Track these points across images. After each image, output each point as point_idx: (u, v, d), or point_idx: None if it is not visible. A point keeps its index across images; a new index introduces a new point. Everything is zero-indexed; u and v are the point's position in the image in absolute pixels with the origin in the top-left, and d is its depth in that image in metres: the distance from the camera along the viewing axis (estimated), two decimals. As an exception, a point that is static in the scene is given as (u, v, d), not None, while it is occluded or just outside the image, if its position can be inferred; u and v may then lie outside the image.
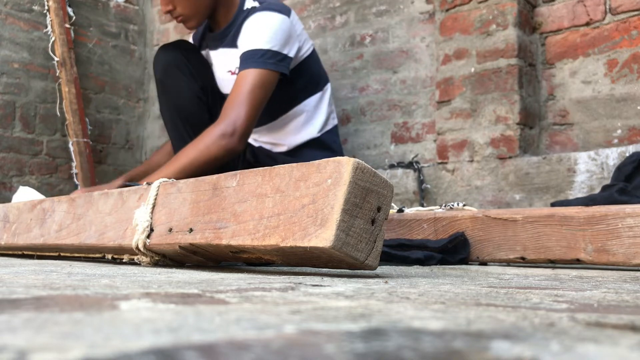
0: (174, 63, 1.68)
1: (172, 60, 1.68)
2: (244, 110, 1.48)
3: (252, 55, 1.52)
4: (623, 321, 0.36)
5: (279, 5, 1.62)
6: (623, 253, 0.99)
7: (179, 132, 1.69)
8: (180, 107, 1.68)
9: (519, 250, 1.12)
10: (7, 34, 2.25)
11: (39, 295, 0.45)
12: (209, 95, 1.71)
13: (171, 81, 1.68)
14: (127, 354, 0.24)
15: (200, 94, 1.68)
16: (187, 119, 1.67)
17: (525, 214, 1.12)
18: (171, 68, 1.68)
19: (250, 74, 1.50)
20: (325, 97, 1.75)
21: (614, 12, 1.59)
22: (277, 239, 0.73)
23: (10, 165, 2.24)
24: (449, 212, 1.25)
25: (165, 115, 1.72)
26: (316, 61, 1.74)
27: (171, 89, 1.68)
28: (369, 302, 0.44)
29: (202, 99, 1.69)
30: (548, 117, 1.71)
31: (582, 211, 1.04)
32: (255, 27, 1.56)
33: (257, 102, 1.50)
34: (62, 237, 1.12)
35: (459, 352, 0.26)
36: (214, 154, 1.46)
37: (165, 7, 1.59)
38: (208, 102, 1.71)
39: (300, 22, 1.68)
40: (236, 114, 1.48)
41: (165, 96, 1.70)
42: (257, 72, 1.51)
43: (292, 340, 0.28)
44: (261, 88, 1.50)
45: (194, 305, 0.41)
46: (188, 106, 1.67)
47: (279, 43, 1.55)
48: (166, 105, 1.71)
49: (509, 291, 0.56)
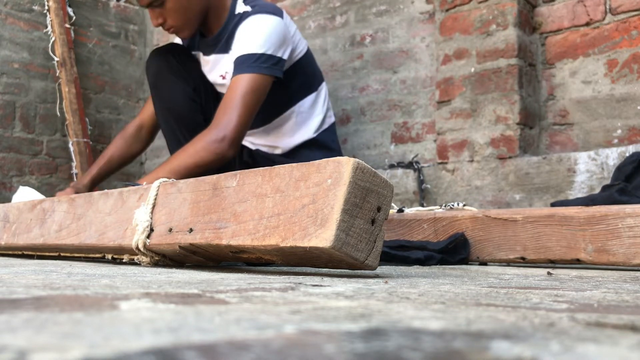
0: (165, 66, 1.69)
1: (163, 64, 1.70)
2: (236, 116, 1.49)
3: (246, 60, 1.53)
4: (623, 321, 0.36)
5: (272, 7, 1.62)
6: (623, 253, 0.99)
7: (174, 134, 1.70)
8: (174, 110, 1.69)
9: (519, 251, 1.12)
10: (7, 34, 2.25)
11: (39, 295, 0.45)
12: (202, 96, 1.72)
13: (163, 84, 1.69)
14: (127, 354, 0.24)
15: (193, 96, 1.70)
16: (180, 121, 1.69)
17: (526, 214, 1.12)
18: (162, 71, 1.69)
19: (243, 79, 1.51)
20: (320, 97, 1.75)
21: (614, 12, 1.59)
22: (277, 239, 0.73)
23: (10, 165, 2.24)
24: (449, 212, 1.25)
25: (160, 118, 1.73)
26: (310, 61, 1.74)
27: (164, 92, 1.70)
28: (369, 302, 0.44)
29: (195, 101, 1.70)
30: (548, 117, 1.71)
31: (582, 211, 1.04)
32: (250, 31, 1.56)
33: (250, 107, 1.51)
34: (62, 237, 1.12)
35: (459, 352, 0.26)
36: (204, 159, 1.47)
37: (155, 21, 1.59)
38: (201, 103, 1.72)
39: (293, 23, 1.68)
40: (227, 120, 1.48)
41: (158, 99, 1.72)
42: (251, 77, 1.51)
43: (292, 340, 0.28)
44: (254, 93, 1.51)
45: (194, 305, 0.41)
46: (181, 109, 1.69)
47: (273, 46, 1.55)
48: (160, 109, 1.72)
49: (509, 291, 0.56)
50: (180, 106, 1.69)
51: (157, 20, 1.59)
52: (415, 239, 1.25)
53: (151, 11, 1.59)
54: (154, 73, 1.71)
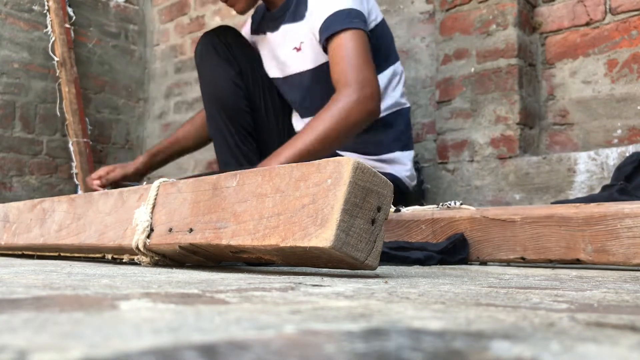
0: (209, 48, 1.61)
1: (207, 46, 1.61)
2: (366, 73, 1.34)
3: (337, 18, 1.38)
4: (623, 321, 0.36)
5: None
6: (623, 253, 0.99)
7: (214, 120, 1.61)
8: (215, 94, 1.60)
9: (519, 251, 1.12)
10: (7, 34, 2.25)
11: (39, 295, 0.45)
12: (247, 80, 1.62)
13: (205, 66, 1.61)
14: (127, 354, 0.24)
15: (236, 80, 1.60)
16: (222, 105, 1.59)
17: (524, 215, 1.12)
18: (206, 53, 1.61)
19: (346, 38, 1.36)
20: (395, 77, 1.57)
21: (614, 12, 1.59)
22: (277, 239, 0.73)
23: (10, 165, 2.24)
24: (447, 212, 1.24)
25: (204, 102, 1.65)
26: (386, 33, 1.57)
27: (205, 74, 1.62)
28: (369, 302, 0.44)
29: (238, 85, 1.60)
30: (548, 117, 1.71)
31: (581, 211, 1.04)
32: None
33: (371, 63, 1.36)
34: (62, 237, 1.12)
35: (459, 352, 0.26)
36: (355, 119, 1.32)
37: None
38: (246, 87, 1.62)
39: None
40: (362, 77, 1.33)
41: (201, 82, 1.64)
42: (353, 34, 1.36)
43: (292, 340, 0.28)
44: (364, 48, 1.36)
45: (194, 305, 0.41)
46: (222, 92, 1.59)
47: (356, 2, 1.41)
48: (203, 92, 1.64)
49: (509, 291, 0.56)
50: (222, 90, 1.59)
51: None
52: (414, 240, 1.25)
53: None
54: (199, 55, 1.63)
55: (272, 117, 1.66)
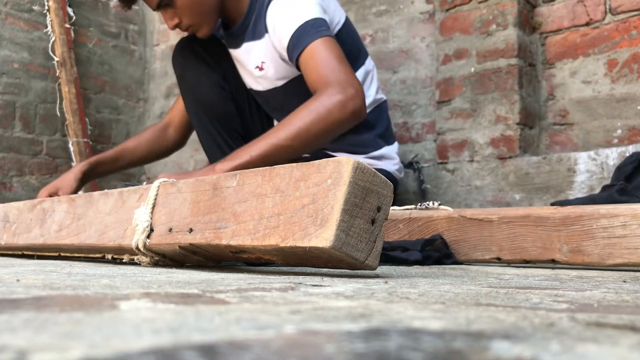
0: (190, 56, 1.56)
1: (188, 53, 1.57)
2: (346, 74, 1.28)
3: (303, 32, 1.33)
4: (623, 321, 0.36)
5: None
6: (597, 254, 0.98)
7: (205, 128, 1.57)
8: (201, 101, 1.56)
9: (494, 251, 1.11)
10: (7, 34, 2.25)
11: (39, 295, 0.45)
12: (231, 83, 1.59)
13: (189, 74, 1.57)
14: (127, 354, 0.24)
15: (222, 83, 1.56)
16: (210, 112, 1.56)
17: (501, 215, 1.11)
18: (188, 61, 1.57)
19: (317, 47, 1.31)
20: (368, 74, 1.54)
21: (614, 12, 1.59)
22: (277, 239, 0.73)
23: (10, 165, 2.24)
24: (424, 212, 1.24)
25: (190, 113, 1.60)
26: (351, 33, 1.52)
27: (190, 82, 1.57)
28: (369, 302, 0.44)
29: (224, 88, 1.56)
30: (548, 117, 1.71)
31: (558, 212, 1.04)
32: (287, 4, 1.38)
33: (347, 65, 1.31)
34: (62, 237, 1.12)
35: (459, 352, 0.26)
36: (336, 118, 1.24)
37: (171, 23, 1.44)
38: (232, 91, 1.58)
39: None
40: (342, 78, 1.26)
41: (185, 91, 1.59)
42: (323, 41, 1.31)
43: (292, 340, 0.28)
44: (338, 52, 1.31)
45: (194, 305, 0.41)
46: (209, 98, 1.55)
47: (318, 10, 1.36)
48: (188, 101, 1.59)
49: (509, 291, 0.56)
50: (208, 96, 1.54)
51: (172, 21, 1.43)
52: (392, 239, 1.25)
53: (164, 13, 1.43)
54: (180, 64, 1.58)
55: (257, 119, 1.65)
